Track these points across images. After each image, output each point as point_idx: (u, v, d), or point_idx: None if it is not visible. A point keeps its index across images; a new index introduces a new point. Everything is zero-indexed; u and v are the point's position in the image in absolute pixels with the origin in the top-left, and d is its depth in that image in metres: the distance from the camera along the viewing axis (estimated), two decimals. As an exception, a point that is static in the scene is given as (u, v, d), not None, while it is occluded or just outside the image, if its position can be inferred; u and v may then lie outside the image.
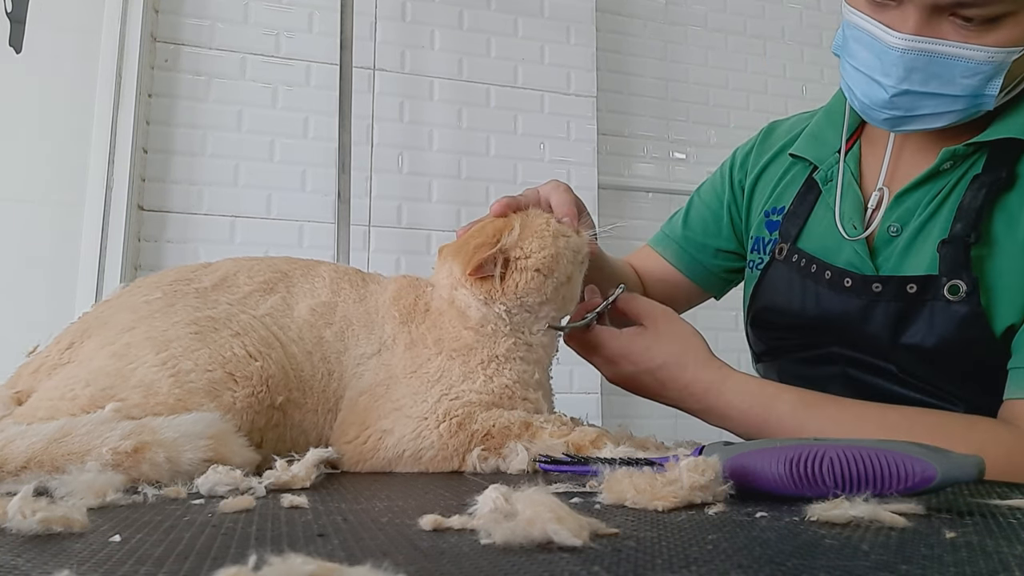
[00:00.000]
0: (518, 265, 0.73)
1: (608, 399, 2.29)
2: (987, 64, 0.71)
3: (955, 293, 0.75)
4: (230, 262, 0.77)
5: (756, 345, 0.99)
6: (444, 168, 2.25)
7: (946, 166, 0.80)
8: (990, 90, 0.72)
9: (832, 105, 0.96)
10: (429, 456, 0.67)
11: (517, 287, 0.73)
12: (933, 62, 0.72)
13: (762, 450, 0.46)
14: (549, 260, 0.74)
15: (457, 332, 0.73)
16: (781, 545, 0.33)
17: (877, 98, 0.76)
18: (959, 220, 0.76)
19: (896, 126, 0.79)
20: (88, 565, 0.30)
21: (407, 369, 0.71)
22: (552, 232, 0.75)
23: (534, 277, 0.73)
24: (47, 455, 0.52)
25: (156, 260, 1.99)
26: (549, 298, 0.75)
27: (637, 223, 2.43)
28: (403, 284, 0.78)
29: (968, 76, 0.72)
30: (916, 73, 0.73)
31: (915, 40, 0.71)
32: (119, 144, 1.92)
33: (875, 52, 0.75)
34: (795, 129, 1.02)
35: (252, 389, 0.64)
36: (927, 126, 0.77)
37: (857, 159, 0.91)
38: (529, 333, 0.75)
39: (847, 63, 0.80)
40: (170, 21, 2.07)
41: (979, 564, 0.30)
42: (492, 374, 0.72)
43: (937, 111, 0.75)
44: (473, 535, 0.35)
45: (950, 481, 0.42)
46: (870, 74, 0.76)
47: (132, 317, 0.66)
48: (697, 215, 1.10)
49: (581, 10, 2.42)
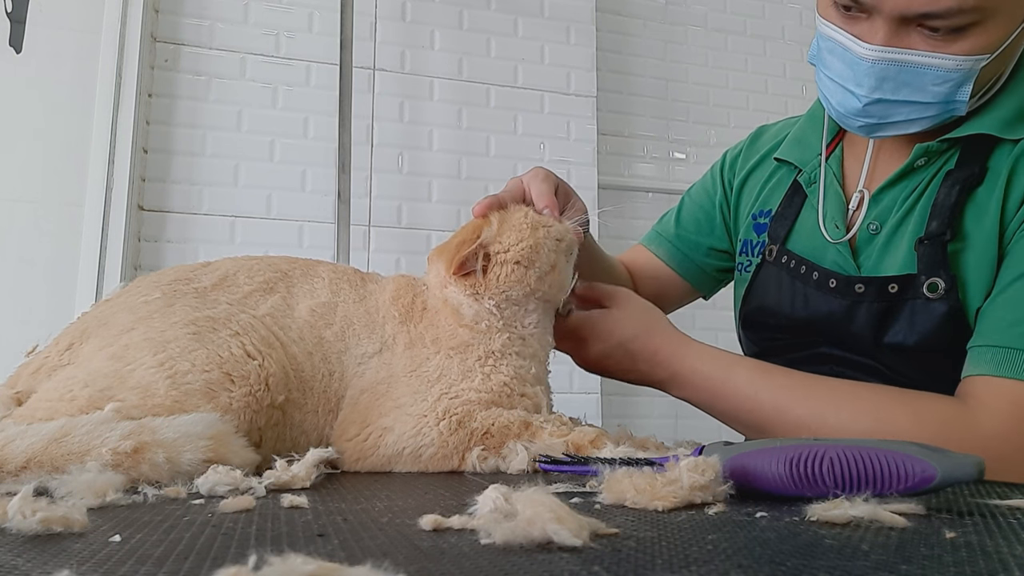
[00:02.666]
0: (498, 259, 0.74)
1: (608, 399, 2.28)
2: (956, 72, 0.72)
3: (934, 291, 0.76)
4: (229, 261, 0.77)
5: (748, 347, 1.00)
6: (444, 168, 2.25)
7: (920, 163, 0.81)
8: (961, 96, 0.74)
9: (814, 110, 0.98)
10: (429, 454, 0.68)
11: (499, 280, 0.74)
12: (904, 71, 0.74)
13: (762, 450, 0.46)
14: (528, 251, 0.74)
15: (453, 330, 0.74)
16: (781, 545, 0.33)
17: (851, 107, 0.78)
18: (934, 218, 0.78)
19: (872, 132, 0.81)
20: (88, 565, 0.30)
21: (407, 368, 0.71)
22: (530, 224, 0.76)
23: (514, 269, 0.74)
24: (47, 455, 0.52)
25: (156, 260, 1.99)
26: (534, 288, 0.75)
27: (637, 223, 2.43)
28: (401, 284, 0.79)
29: (938, 84, 0.73)
30: (887, 82, 0.75)
31: (885, 51, 0.73)
32: (119, 144, 1.92)
33: (847, 63, 0.77)
34: (781, 134, 1.03)
35: (250, 388, 0.64)
36: (902, 132, 0.79)
37: (840, 161, 0.92)
38: (521, 327, 0.76)
39: (822, 73, 0.81)
40: (170, 21, 2.07)
41: (979, 564, 0.30)
42: (490, 371, 0.72)
43: (910, 117, 0.77)
44: (473, 535, 0.35)
45: (950, 481, 0.42)
46: (843, 84, 0.78)
47: (131, 318, 0.66)
48: (689, 215, 1.11)
49: (581, 10, 2.42)
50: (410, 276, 0.81)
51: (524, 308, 0.76)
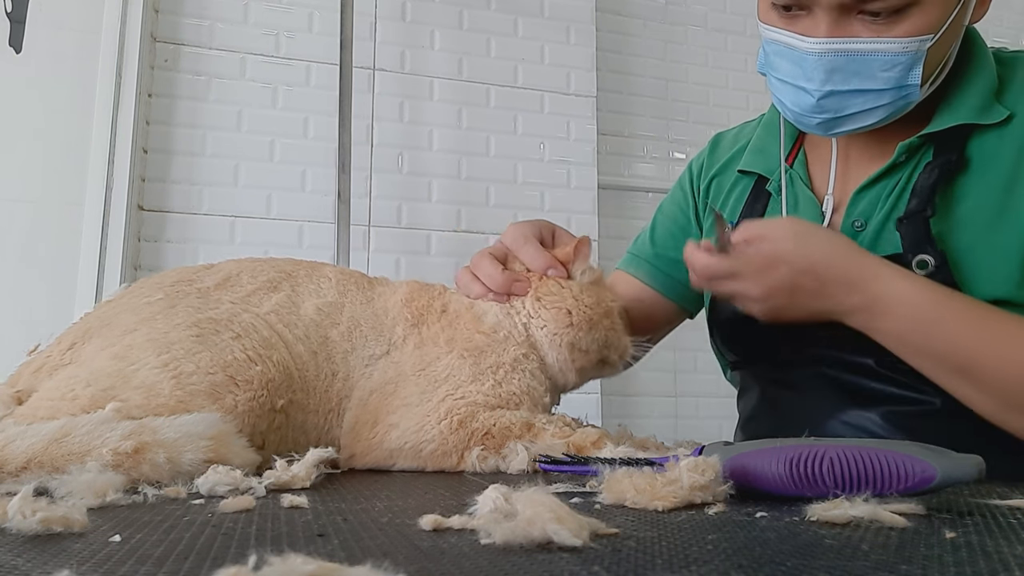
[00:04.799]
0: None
1: (608, 399, 2.28)
2: (903, 55, 0.73)
3: (924, 268, 0.75)
4: (233, 263, 0.77)
5: (728, 355, 0.98)
6: (444, 168, 2.25)
7: (902, 159, 0.82)
8: (912, 80, 0.74)
9: (768, 118, 0.98)
10: (429, 450, 0.68)
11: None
12: (851, 60, 0.74)
13: (762, 450, 0.46)
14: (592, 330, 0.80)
15: (470, 334, 0.75)
16: (781, 545, 0.33)
17: (806, 104, 0.78)
18: (914, 198, 0.78)
19: (830, 129, 0.80)
20: (88, 565, 0.30)
21: (416, 367, 0.72)
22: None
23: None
24: (47, 455, 0.52)
25: (156, 260, 1.99)
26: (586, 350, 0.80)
27: (637, 223, 2.43)
28: (415, 288, 0.80)
29: (887, 69, 0.74)
30: (837, 73, 0.75)
31: (830, 42, 0.74)
32: (119, 144, 1.92)
33: (795, 61, 0.78)
34: (739, 140, 1.04)
35: (253, 393, 0.64)
36: (860, 124, 0.79)
37: (805, 165, 0.92)
38: (552, 355, 0.79)
39: (773, 78, 0.82)
40: (170, 21, 2.07)
41: (979, 564, 0.30)
42: (501, 379, 0.73)
43: (865, 107, 0.77)
44: (473, 535, 0.35)
45: (950, 481, 0.42)
46: (795, 82, 0.78)
47: (134, 319, 0.66)
48: (664, 231, 1.08)
49: (581, 10, 2.42)
50: (423, 282, 0.82)
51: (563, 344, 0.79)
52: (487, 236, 2.24)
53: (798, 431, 0.57)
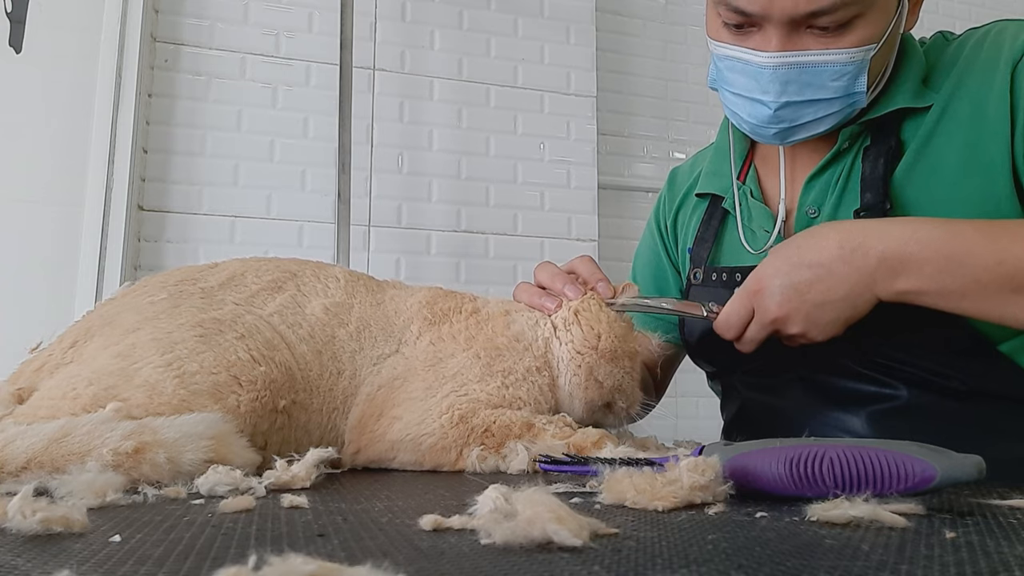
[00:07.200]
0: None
1: (608, 399, 2.28)
2: (850, 64, 0.77)
3: None
4: (237, 262, 0.77)
5: (706, 367, 1.01)
6: (444, 168, 2.25)
7: (845, 145, 0.85)
8: (859, 87, 0.79)
9: (719, 141, 1.01)
10: (428, 444, 0.68)
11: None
12: (804, 72, 0.78)
13: (762, 450, 0.46)
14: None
15: (492, 336, 0.76)
16: (781, 545, 0.33)
17: (762, 115, 0.82)
18: (866, 190, 0.81)
19: (786, 138, 0.84)
20: (88, 565, 0.30)
21: (427, 363, 0.73)
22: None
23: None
24: (47, 455, 0.52)
25: (156, 260, 1.99)
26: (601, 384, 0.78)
27: (637, 223, 2.43)
28: (439, 293, 0.81)
29: (836, 79, 0.78)
30: (791, 85, 0.79)
31: (783, 56, 0.77)
32: (119, 144, 1.92)
33: (750, 75, 0.80)
34: (695, 169, 1.06)
35: (256, 394, 0.64)
36: (813, 132, 0.83)
37: (756, 179, 0.95)
38: (566, 376, 0.77)
39: (726, 92, 0.86)
40: (170, 21, 2.07)
41: (979, 564, 0.30)
42: (510, 384, 0.73)
43: (818, 116, 0.81)
44: (473, 535, 0.35)
45: (950, 481, 0.42)
46: (750, 96, 0.81)
47: (137, 318, 0.66)
48: (644, 276, 1.11)
49: (581, 10, 2.42)
50: (446, 289, 0.83)
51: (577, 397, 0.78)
52: (487, 236, 2.24)
53: (780, 436, 0.56)
